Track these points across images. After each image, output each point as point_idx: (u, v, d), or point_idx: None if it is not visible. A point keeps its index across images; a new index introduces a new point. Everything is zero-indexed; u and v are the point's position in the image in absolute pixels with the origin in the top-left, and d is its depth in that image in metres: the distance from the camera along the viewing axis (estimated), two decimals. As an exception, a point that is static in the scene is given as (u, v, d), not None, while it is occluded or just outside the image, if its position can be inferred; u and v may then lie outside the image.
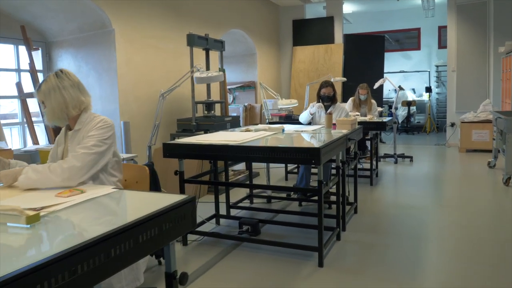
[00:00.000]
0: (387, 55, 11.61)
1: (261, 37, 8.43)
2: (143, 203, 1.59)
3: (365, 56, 8.87)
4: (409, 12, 11.37)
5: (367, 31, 11.42)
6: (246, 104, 8.10)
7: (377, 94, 8.43)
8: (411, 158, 6.77)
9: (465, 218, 3.85)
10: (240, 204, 4.21)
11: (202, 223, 3.54)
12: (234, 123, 5.55)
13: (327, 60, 8.96)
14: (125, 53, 4.75)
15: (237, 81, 8.47)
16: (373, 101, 6.11)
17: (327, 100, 4.40)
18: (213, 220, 3.79)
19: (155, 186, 2.41)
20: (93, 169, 1.89)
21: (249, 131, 3.69)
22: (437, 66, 11.42)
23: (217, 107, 6.76)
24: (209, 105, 5.49)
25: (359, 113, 5.84)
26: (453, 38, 8.20)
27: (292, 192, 4.54)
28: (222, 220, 3.86)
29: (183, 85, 4.54)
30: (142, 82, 5.06)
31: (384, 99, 10.92)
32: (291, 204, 4.43)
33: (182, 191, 3.23)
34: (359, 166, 6.14)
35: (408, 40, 12.08)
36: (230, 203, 4.02)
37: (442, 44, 11.47)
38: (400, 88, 11.25)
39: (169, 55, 5.55)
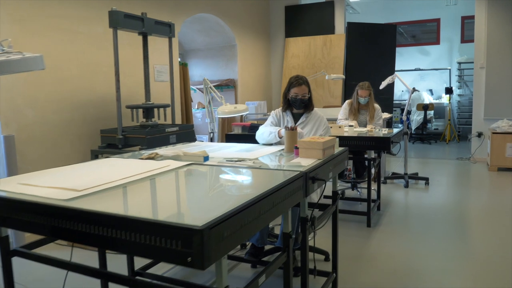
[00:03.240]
0: (400, 50, 10.03)
1: (243, 25, 6.92)
2: None
3: (373, 50, 7.29)
4: (427, 0, 9.74)
5: (377, 22, 9.79)
6: (223, 106, 6.60)
7: (386, 95, 6.86)
8: (426, 180, 5.19)
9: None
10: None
11: None
12: (185, 136, 4.07)
13: (325, 54, 7.41)
14: (11, 36, 3.30)
15: (214, 79, 6.99)
16: (377, 106, 4.56)
17: (300, 105, 2.89)
18: None
19: None
20: None
21: (151, 158, 2.21)
22: (459, 63, 9.75)
23: (178, 113, 5.30)
24: (147, 111, 4.02)
25: (353, 123, 4.29)
26: (482, 30, 6.57)
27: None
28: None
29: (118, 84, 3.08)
30: (43, 79, 3.61)
31: (395, 101, 9.33)
32: (238, 266, 2.92)
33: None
34: (356, 193, 4.59)
35: (426, 35, 10.43)
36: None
37: (466, 38, 9.81)
38: (414, 89, 9.62)
39: (92, 43, 4.09)
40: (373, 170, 4.28)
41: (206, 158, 2.15)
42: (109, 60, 4.14)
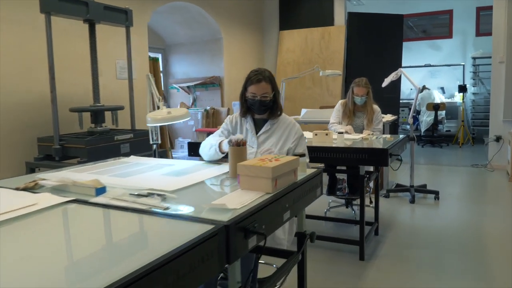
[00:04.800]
0: (408, 45, 9.23)
1: (230, 16, 6.20)
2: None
3: (377, 43, 6.52)
4: (438, -10, 8.93)
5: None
6: (208, 107, 5.94)
7: (392, 93, 6.09)
8: (436, 194, 4.43)
9: None
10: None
11: None
12: (142, 144, 3.37)
13: (324, 48, 6.66)
14: None
15: (199, 77, 6.29)
16: (376, 107, 3.82)
17: (259, 109, 2.15)
18: None
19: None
20: None
21: (29, 188, 1.52)
22: (474, 59, 8.91)
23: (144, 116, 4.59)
24: (96, 114, 3.33)
25: (347, 129, 3.55)
26: (501, 21, 5.77)
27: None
28: None
29: (72, 82, 2.41)
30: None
31: (403, 100, 8.55)
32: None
33: None
34: (350, 212, 3.86)
35: (437, 28, 9.60)
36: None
37: (481, 31, 8.96)
38: (424, 87, 8.84)
39: (30, 33, 3.40)
40: (371, 184, 3.54)
41: (100, 190, 1.45)
42: (67, 53, 3.45)
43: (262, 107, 2.12)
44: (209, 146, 2.03)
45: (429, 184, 4.78)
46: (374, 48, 6.53)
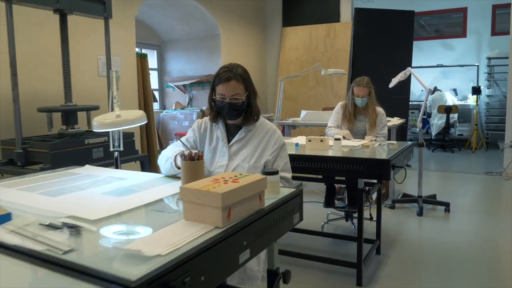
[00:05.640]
0: (420, 44, 8.81)
1: (229, 11, 5.86)
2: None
3: (385, 41, 6.12)
4: (452, -14, 8.49)
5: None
6: (204, 107, 5.61)
7: (401, 94, 5.72)
8: (446, 206, 4.03)
9: None
10: None
11: None
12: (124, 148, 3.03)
13: (329, 46, 6.29)
14: None
15: (195, 75, 5.96)
16: (380, 110, 3.44)
17: (230, 113, 1.79)
18: None
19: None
20: None
21: None
22: (489, 59, 8.43)
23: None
24: (67, 115, 3.01)
25: (344, 134, 3.19)
26: (519, 16, 5.35)
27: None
28: None
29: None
30: None
31: (413, 102, 8.13)
32: None
33: None
34: (349, 226, 3.49)
35: (450, 28, 9.15)
36: None
37: (497, 30, 8.49)
38: (436, 89, 8.40)
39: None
40: (375, 194, 3.16)
41: (4, 217, 1.11)
42: (23, 48, 3.13)
43: (232, 111, 1.76)
44: (165, 158, 1.69)
45: (439, 193, 4.38)
46: (383, 47, 6.13)
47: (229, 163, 1.78)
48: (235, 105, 1.75)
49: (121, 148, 2.14)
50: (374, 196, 3.14)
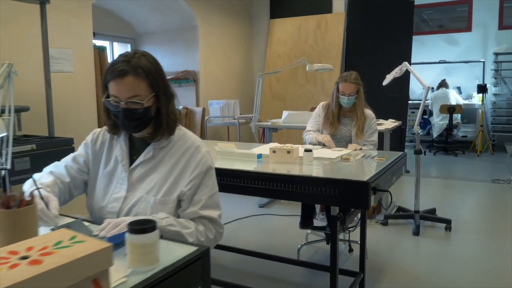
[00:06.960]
0: (421, 38, 8.23)
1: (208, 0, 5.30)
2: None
3: (382, 34, 5.56)
4: (457, -24, 7.89)
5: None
6: (180, 107, 5.08)
7: (399, 92, 5.15)
8: (447, 223, 3.47)
9: None
10: None
11: None
12: (54, 157, 2.50)
13: (319, 39, 5.72)
14: None
15: (171, 71, 5.41)
16: (369, 112, 2.89)
17: (129, 124, 1.22)
18: None
19: None
20: None
21: None
22: (496, 55, 7.83)
23: (87, 118, 3.79)
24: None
25: (324, 141, 2.64)
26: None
27: None
28: None
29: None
30: None
31: (414, 101, 7.56)
32: None
33: None
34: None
35: (455, 22, 8.56)
36: None
37: (505, 23, 7.91)
38: (443, 83, 7.75)
39: None
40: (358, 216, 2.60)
41: None
42: None
43: (129, 120, 1.21)
44: (28, 185, 1.16)
45: (439, 206, 3.83)
46: (379, 40, 5.56)
47: (128, 195, 1.23)
48: (133, 112, 1.19)
49: (8, 167, 1.60)
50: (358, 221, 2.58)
